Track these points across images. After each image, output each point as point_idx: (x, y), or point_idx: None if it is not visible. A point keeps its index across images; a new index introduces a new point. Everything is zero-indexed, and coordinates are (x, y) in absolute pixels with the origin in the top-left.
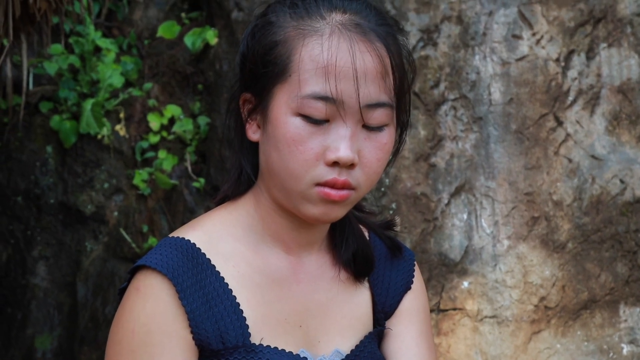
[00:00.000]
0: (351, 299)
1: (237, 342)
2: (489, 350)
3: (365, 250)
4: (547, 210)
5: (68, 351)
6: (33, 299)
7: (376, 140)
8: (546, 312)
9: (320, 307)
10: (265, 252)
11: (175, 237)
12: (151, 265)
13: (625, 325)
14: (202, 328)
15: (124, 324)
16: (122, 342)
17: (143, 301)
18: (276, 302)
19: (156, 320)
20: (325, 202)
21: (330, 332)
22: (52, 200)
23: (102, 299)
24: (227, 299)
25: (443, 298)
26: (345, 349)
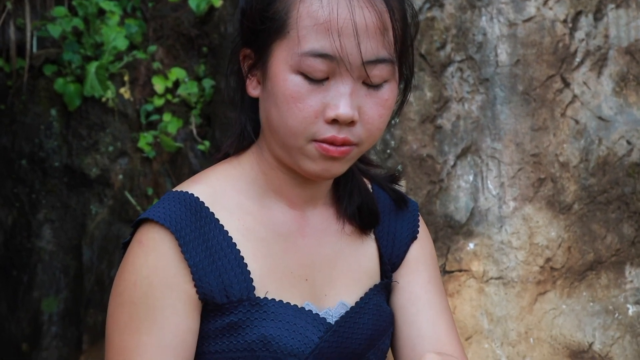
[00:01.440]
0: (357, 252)
1: (242, 295)
2: (494, 311)
3: (370, 203)
4: (554, 171)
5: (74, 314)
6: (39, 262)
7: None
8: (552, 273)
9: (326, 260)
10: (269, 206)
11: (179, 191)
12: (154, 219)
13: (630, 286)
14: (205, 282)
15: (126, 277)
16: (124, 294)
17: (145, 254)
18: (281, 255)
19: (158, 273)
20: (325, 158)
21: (336, 285)
22: (57, 163)
23: (107, 262)
24: (231, 253)
25: (449, 260)
26: (350, 301)
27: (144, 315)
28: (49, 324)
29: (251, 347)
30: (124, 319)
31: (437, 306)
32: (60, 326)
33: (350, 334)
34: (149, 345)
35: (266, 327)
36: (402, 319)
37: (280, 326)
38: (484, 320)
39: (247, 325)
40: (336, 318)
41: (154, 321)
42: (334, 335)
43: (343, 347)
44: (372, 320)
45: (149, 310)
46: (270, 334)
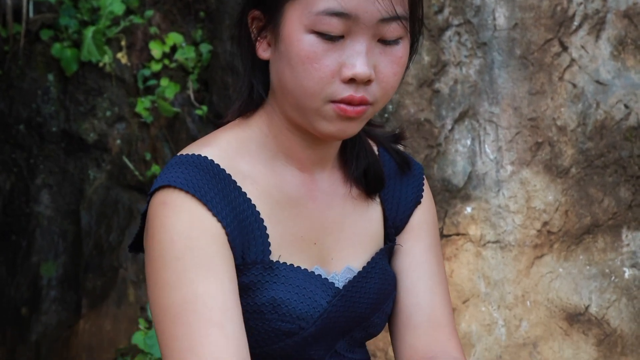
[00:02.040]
0: (363, 215)
1: (257, 257)
2: (491, 274)
3: (376, 166)
4: (551, 135)
5: (73, 278)
6: (37, 226)
7: (392, 54)
8: (549, 237)
9: (334, 224)
10: (280, 169)
11: (191, 155)
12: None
13: (627, 249)
14: (235, 242)
15: (160, 238)
16: (164, 254)
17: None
18: (293, 219)
19: (195, 226)
20: (341, 118)
21: (343, 249)
22: (55, 128)
23: (105, 227)
24: (252, 215)
25: (446, 223)
26: (356, 265)
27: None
28: (48, 288)
29: (260, 310)
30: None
31: (436, 276)
32: (59, 290)
33: (358, 298)
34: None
35: (276, 290)
36: (401, 284)
37: (290, 290)
38: (481, 284)
39: (258, 288)
40: (343, 282)
41: (207, 269)
42: (341, 299)
43: (350, 311)
44: (378, 285)
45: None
46: (280, 297)
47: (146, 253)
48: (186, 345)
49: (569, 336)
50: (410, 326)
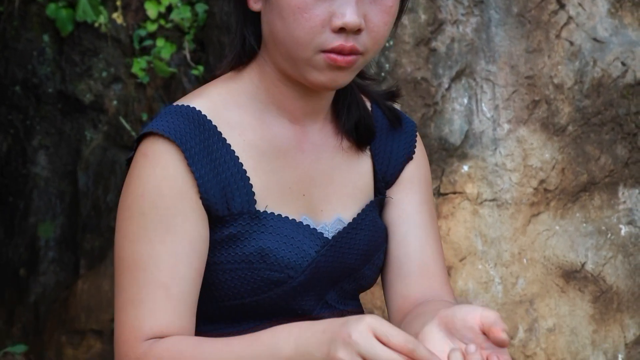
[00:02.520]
0: (353, 168)
1: (243, 208)
2: (488, 232)
3: (367, 119)
4: (548, 93)
5: (71, 239)
6: (34, 188)
7: (382, 3)
8: (545, 195)
9: (324, 175)
10: (270, 121)
11: (180, 105)
12: (158, 131)
13: (623, 206)
14: (210, 193)
15: (133, 189)
16: (132, 207)
17: (152, 166)
18: (281, 170)
19: (166, 182)
20: (332, 67)
21: (332, 200)
22: (51, 89)
23: (103, 188)
24: (234, 166)
25: (443, 182)
26: (346, 217)
27: (155, 224)
28: (45, 249)
29: (249, 259)
30: (134, 230)
31: (427, 228)
32: (57, 251)
33: (347, 248)
34: (163, 253)
35: (264, 240)
36: (392, 236)
37: (278, 239)
38: (478, 242)
39: (246, 238)
40: (332, 233)
41: (167, 229)
42: (330, 249)
43: (339, 262)
44: (368, 236)
45: (160, 219)
46: (268, 247)
47: (120, 198)
48: (130, 297)
49: (565, 293)
50: (401, 276)
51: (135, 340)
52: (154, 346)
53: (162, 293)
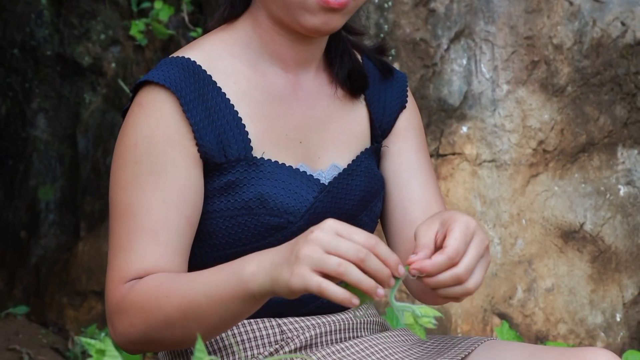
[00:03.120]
0: (349, 115)
1: (239, 155)
2: (487, 193)
3: (360, 68)
4: (547, 54)
5: (71, 202)
6: (34, 151)
7: None
8: (544, 156)
9: (319, 123)
10: (264, 70)
11: (175, 57)
12: (154, 80)
13: (622, 167)
14: (206, 140)
15: (127, 138)
16: (126, 155)
17: (146, 115)
18: (276, 118)
19: (160, 131)
20: (324, 10)
21: (329, 148)
22: (49, 52)
23: (102, 150)
24: (229, 113)
25: (442, 143)
26: (342, 163)
27: (147, 173)
28: (46, 212)
29: (248, 205)
30: (126, 178)
31: (427, 172)
32: (57, 214)
33: (344, 194)
34: (154, 201)
35: (262, 186)
36: (394, 183)
37: (276, 185)
38: (477, 203)
39: (245, 184)
40: (329, 179)
41: (157, 177)
42: (327, 195)
43: (337, 208)
44: (364, 183)
45: (151, 167)
46: (267, 192)
47: (115, 146)
48: (120, 243)
49: (564, 253)
50: (406, 221)
51: (120, 281)
52: (135, 285)
53: (150, 238)
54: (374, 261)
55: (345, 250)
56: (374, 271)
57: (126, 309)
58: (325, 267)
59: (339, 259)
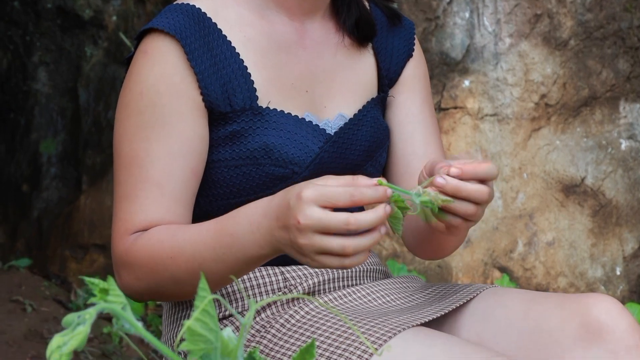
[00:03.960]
0: (356, 64)
1: (245, 104)
2: (489, 147)
3: (367, 16)
4: (550, 7)
5: (72, 155)
6: (35, 104)
7: None
8: (546, 110)
9: (326, 72)
10: (270, 18)
11: (180, 3)
12: (159, 27)
13: (624, 121)
14: (211, 89)
15: (132, 87)
16: (130, 105)
17: (151, 63)
18: (282, 66)
19: (165, 81)
20: None
21: (335, 97)
22: (50, 5)
23: (104, 104)
24: (235, 62)
25: (444, 97)
26: (349, 113)
27: (152, 123)
28: (48, 165)
29: (253, 155)
30: (131, 129)
31: (431, 126)
32: (59, 167)
33: (349, 144)
34: (159, 152)
35: (268, 136)
36: (398, 135)
37: (281, 135)
38: (479, 157)
39: (250, 134)
40: (335, 129)
41: (162, 128)
42: (333, 145)
43: (342, 158)
44: (370, 133)
45: (156, 117)
46: (272, 142)
47: (119, 95)
48: (125, 193)
49: (565, 207)
50: (407, 174)
51: (125, 232)
52: (138, 238)
53: (155, 190)
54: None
55: (334, 228)
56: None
57: (131, 262)
58: (332, 252)
59: (340, 242)
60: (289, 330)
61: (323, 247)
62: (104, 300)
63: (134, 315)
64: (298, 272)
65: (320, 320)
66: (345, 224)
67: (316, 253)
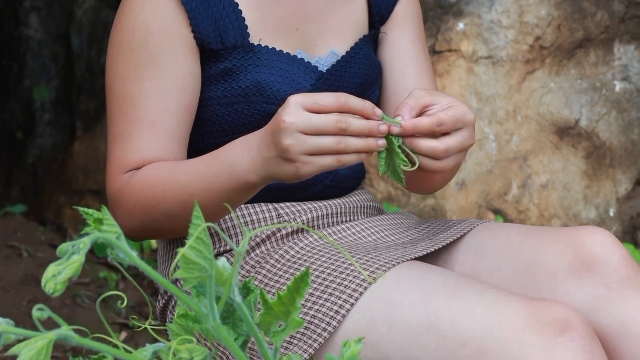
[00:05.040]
0: (347, 2)
1: (236, 41)
2: (483, 90)
3: None
4: None
5: (66, 101)
6: (28, 50)
7: None
8: (541, 52)
9: (318, 11)
10: None
11: None
12: None
13: (619, 62)
14: (202, 27)
15: (124, 25)
16: (122, 42)
17: (142, 1)
18: (273, 5)
19: (156, 19)
20: None
21: (326, 35)
22: None
23: (97, 49)
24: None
25: (438, 40)
26: (341, 50)
27: (144, 61)
28: (41, 111)
29: (245, 93)
30: (123, 67)
31: (423, 62)
32: (52, 114)
33: (342, 82)
34: (152, 90)
35: (259, 73)
36: (390, 71)
37: (273, 72)
38: (473, 100)
39: (241, 71)
40: (327, 66)
41: (155, 67)
42: (325, 82)
43: None
44: (362, 70)
45: (148, 56)
46: (263, 80)
47: (110, 33)
48: (119, 132)
49: (559, 149)
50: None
51: (119, 171)
52: (133, 176)
53: (149, 128)
54: (355, 123)
55: (324, 126)
56: (360, 131)
57: (125, 200)
58: (325, 149)
59: (336, 138)
60: (283, 265)
61: (315, 145)
62: (98, 230)
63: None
64: (292, 209)
65: (315, 255)
66: (335, 122)
67: (306, 154)
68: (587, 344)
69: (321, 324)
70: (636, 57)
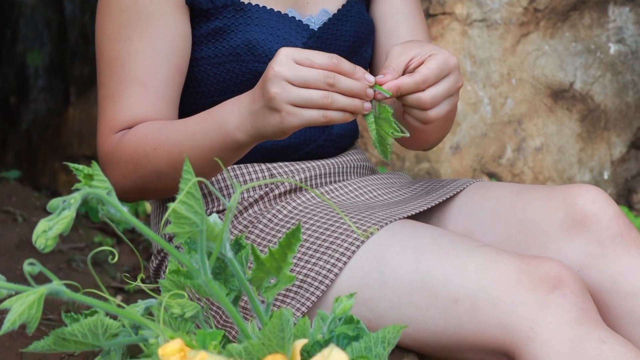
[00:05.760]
0: None
1: (226, 0)
2: (477, 53)
3: None
4: None
5: (59, 66)
6: (21, 16)
7: None
8: (535, 15)
9: None
10: None
11: None
12: None
13: (613, 25)
14: None
15: None
16: (111, 3)
17: None
18: None
19: None
20: None
21: None
22: None
23: (90, 14)
24: None
25: (432, 3)
26: (332, 8)
27: (134, 21)
28: (35, 77)
29: (236, 52)
30: (113, 27)
31: (416, 19)
32: (46, 79)
33: (334, 40)
34: (141, 51)
35: (250, 32)
36: (382, 27)
37: (264, 31)
38: (467, 63)
39: (232, 30)
40: (319, 25)
41: (144, 27)
42: (317, 41)
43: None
44: (355, 28)
45: (138, 16)
46: (254, 38)
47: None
48: (109, 92)
49: (553, 112)
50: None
51: (110, 131)
52: (124, 135)
53: (139, 88)
54: (344, 81)
55: (313, 79)
56: (348, 90)
57: (117, 160)
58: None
59: (323, 92)
60: (276, 225)
61: (301, 96)
62: (89, 185)
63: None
64: (285, 169)
65: (308, 214)
66: (324, 76)
67: (292, 104)
68: (579, 301)
69: (314, 282)
70: (631, 19)
